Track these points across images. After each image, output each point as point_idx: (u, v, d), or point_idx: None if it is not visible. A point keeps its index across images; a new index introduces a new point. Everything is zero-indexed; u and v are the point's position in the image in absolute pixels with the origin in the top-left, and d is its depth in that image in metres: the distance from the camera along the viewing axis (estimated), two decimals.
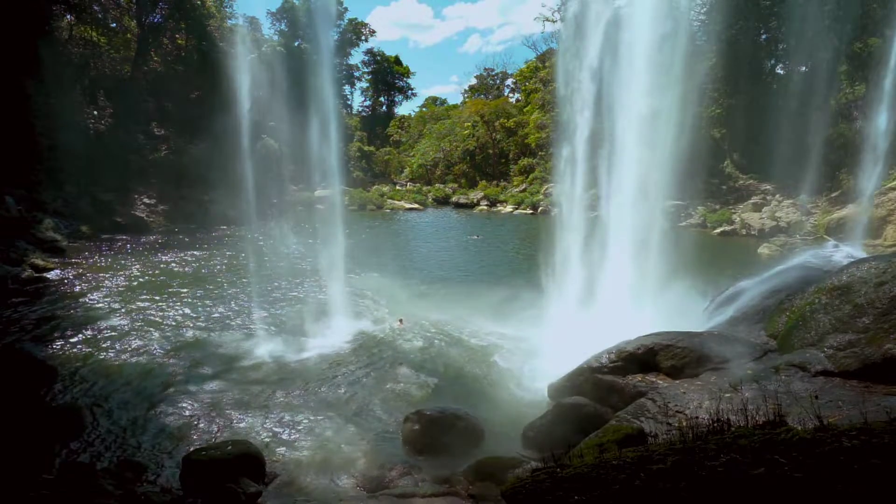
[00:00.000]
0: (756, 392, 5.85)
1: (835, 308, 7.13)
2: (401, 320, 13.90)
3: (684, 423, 4.38)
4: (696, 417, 4.63)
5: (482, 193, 50.16)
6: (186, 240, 25.41)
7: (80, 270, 18.32)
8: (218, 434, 8.14)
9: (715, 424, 3.54)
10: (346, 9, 59.42)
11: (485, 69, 74.01)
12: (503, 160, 55.62)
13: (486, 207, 47.63)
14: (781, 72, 37.25)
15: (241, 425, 8.48)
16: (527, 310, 13.90)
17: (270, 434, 8.24)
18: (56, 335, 12.09)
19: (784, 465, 2.52)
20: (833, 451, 2.57)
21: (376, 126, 69.57)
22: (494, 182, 52.86)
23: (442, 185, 55.12)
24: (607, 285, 12.56)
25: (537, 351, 11.60)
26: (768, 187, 32.83)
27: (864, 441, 2.64)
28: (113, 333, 12.39)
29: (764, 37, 36.47)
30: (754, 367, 7.25)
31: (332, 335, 12.88)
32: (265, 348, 11.89)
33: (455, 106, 74.31)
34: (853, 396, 5.63)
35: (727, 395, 5.96)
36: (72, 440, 7.64)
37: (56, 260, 18.95)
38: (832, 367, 6.53)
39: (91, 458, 7.29)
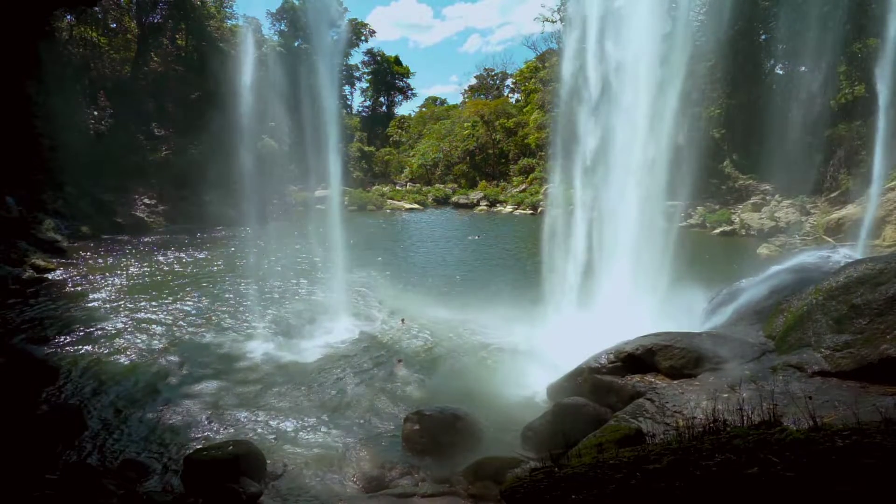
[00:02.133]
0: (753, 392, 5.90)
1: (832, 309, 7.18)
2: (403, 320, 13.95)
3: (682, 423, 4.43)
4: (694, 417, 4.68)
5: (482, 194, 50.18)
6: (186, 240, 25.46)
7: (81, 271, 18.37)
8: (219, 434, 8.19)
9: (711, 424, 3.59)
10: (346, 9, 59.48)
11: (485, 69, 74.06)
12: (503, 160, 55.64)
13: (485, 208, 47.67)
14: (781, 72, 37.30)
15: (242, 425, 8.52)
16: (527, 310, 13.93)
17: (271, 434, 8.28)
18: (57, 335, 12.13)
19: (777, 464, 2.57)
20: (825, 451, 2.62)
21: (376, 126, 69.60)
22: (494, 182, 52.88)
23: (442, 186, 55.13)
24: (606, 286, 12.61)
25: (537, 351, 11.64)
26: (767, 187, 32.87)
27: (857, 441, 2.68)
28: (114, 334, 12.44)
29: (763, 37, 36.51)
30: (752, 367, 7.29)
31: (333, 335, 12.92)
32: (265, 348, 11.94)
33: (455, 106, 74.32)
34: (849, 397, 5.68)
35: (724, 395, 6.01)
36: (74, 440, 7.68)
37: (57, 260, 19.00)
38: (829, 367, 6.58)
39: (93, 458, 7.34)
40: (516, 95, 62.79)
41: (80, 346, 11.58)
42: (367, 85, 73.15)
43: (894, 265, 6.98)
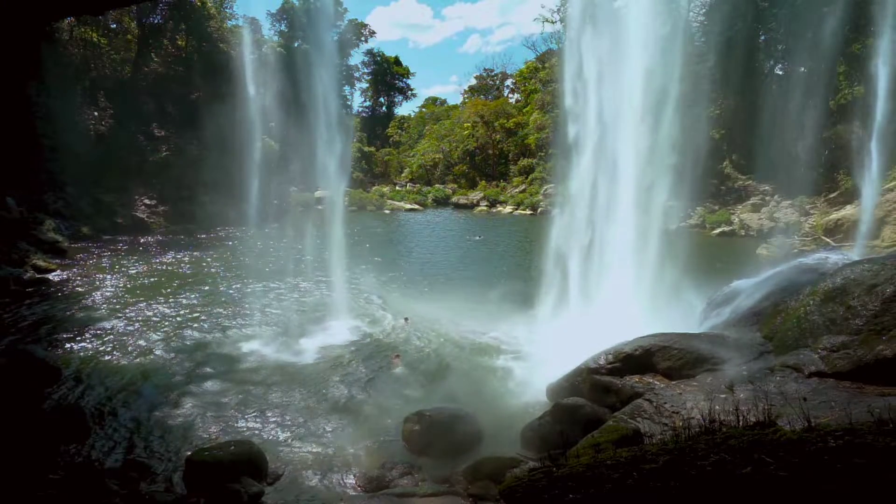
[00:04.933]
0: (750, 393, 5.95)
1: (829, 310, 7.23)
2: (406, 319, 13.99)
3: (679, 424, 4.48)
4: (691, 418, 4.73)
5: (482, 194, 50.28)
6: (187, 241, 25.51)
7: (82, 271, 18.41)
8: (220, 434, 8.23)
9: (707, 425, 3.64)
10: (346, 9, 59.51)
11: (484, 69, 74.20)
12: (503, 161, 55.72)
13: (485, 208, 47.75)
14: (780, 72, 37.39)
15: (243, 425, 8.57)
16: (526, 310, 14.00)
17: (272, 434, 8.33)
18: (58, 336, 12.17)
19: (770, 464, 2.62)
20: (818, 451, 2.67)
21: (376, 126, 69.66)
22: (494, 182, 52.96)
23: (442, 186, 55.18)
24: (605, 286, 12.65)
25: (536, 351, 11.69)
26: (767, 188, 32.95)
27: (849, 441, 2.73)
28: (115, 334, 12.49)
29: (763, 38, 36.58)
30: (749, 368, 7.34)
31: (333, 335, 12.97)
32: (266, 349, 11.98)
33: (455, 106, 74.35)
34: (845, 397, 5.73)
35: (722, 396, 6.06)
36: (76, 441, 7.72)
37: (57, 261, 19.03)
38: (826, 368, 6.63)
39: (96, 458, 7.38)
40: (516, 96, 62.90)
41: (82, 347, 11.63)
42: (367, 85, 73.25)
43: (890, 267, 7.03)
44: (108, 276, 17.86)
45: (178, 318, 13.90)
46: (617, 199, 13.11)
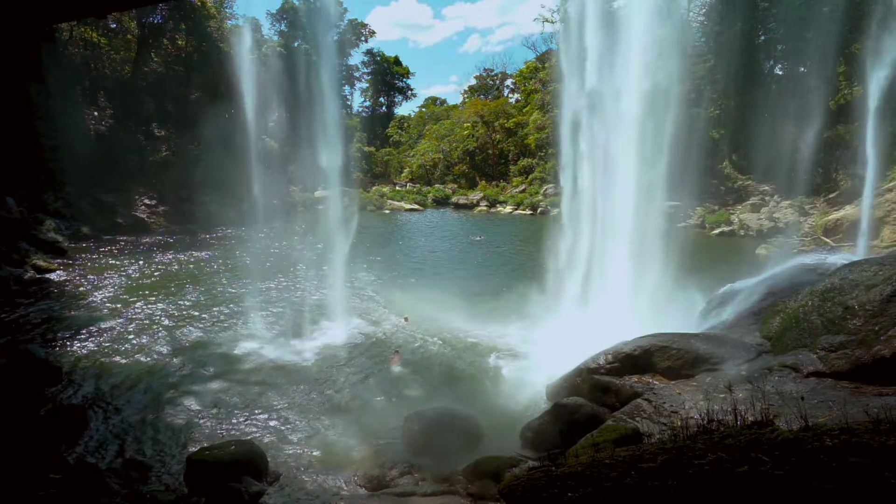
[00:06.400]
0: (748, 393, 5.97)
1: (827, 310, 7.25)
2: (406, 318, 14.02)
3: (678, 423, 4.50)
4: (689, 417, 4.75)
5: (482, 194, 50.26)
6: (187, 240, 25.51)
7: (82, 271, 18.43)
8: (221, 434, 8.26)
9: (705, 424, 3.67)
10: (346, 9, 59.56)
11: (484, 69, 74.15)
12: (503, 161, 55.70)
13: (485, 208, 47.75)
14: (780, 73, 37.39)
15: (244, 425, 8.60)
16: (526, 311, 14.02)
17: (273, 434, 8.36)
18: (59, 336, 12.20)
19: (767, 463, 2.64)
20: (814, 450, 2.69)
21: (376, 126, 69.67)
22: (494, 182, 52.95)
23: (442, 186, 55.15)
24: (605, 286, 12.68)
25: (536, 352, 11.72)
26: (767, 188, 32.96)
27: (845, 440, 2.75)
28: (115, 334, 12.51)
29: (762, 38, 36.58)
30: (748, 368, 7.37)
31: (334, 335, 13.00)
32: (266, 348, 12.00)
33: (455, 106, 74.31)
34: (843, 397, 5.75)
35: (720, 395, 6.08)
36: (77, 440, 7.75)
37: (58, 261, 19.05)
38: (824, 368, 6.65)
39: (97, 457, 7.41)
40: (516, 96, 62.83)
41: (82, 347, 11.66)
42: (367, 85, 73.29)
43: (888, 267, 7.05)
44: (108, 276, 17.88)
45: (178, 318, 13.92)
46: (617, 199, 13.13)
